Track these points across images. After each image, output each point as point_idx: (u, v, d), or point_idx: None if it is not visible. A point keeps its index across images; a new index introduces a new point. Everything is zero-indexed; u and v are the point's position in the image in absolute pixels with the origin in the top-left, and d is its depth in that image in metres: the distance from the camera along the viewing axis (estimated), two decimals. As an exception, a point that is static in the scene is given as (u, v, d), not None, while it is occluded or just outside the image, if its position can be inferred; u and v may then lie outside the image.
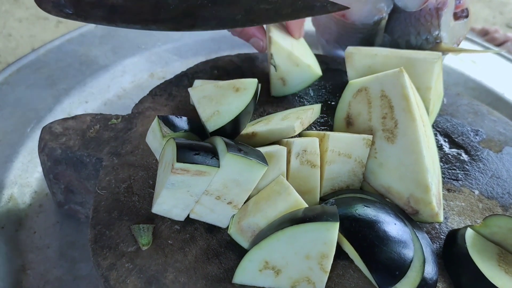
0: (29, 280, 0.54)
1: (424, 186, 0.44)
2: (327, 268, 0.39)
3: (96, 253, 0.42)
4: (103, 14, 0.51)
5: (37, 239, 0.58)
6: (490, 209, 0.50)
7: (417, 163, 0.44)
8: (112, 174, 0.49)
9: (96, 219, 0.45)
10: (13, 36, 1.08)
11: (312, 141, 0.45)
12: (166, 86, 0.61)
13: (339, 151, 0.46)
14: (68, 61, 0.83)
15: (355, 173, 0.48)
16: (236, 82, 0.50)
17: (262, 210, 0.41)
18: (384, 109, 0.48)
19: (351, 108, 0.51)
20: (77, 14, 0.51)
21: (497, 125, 0.61)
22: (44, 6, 0.50)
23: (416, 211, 0.45)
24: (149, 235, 0.43)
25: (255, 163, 0.40)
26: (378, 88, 0.49)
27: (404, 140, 0.46)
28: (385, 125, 0.47)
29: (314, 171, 0.46)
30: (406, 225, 0.42)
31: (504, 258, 0.42)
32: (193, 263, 0.42)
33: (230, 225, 0.43)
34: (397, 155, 0.46)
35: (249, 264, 0.39)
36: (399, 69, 0.47)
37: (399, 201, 0.46)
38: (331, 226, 0.38)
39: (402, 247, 0.39)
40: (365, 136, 0.47)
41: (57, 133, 0.54)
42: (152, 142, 0.47)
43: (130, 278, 0.40)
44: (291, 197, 0.42)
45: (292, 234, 0.38)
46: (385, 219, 0.41)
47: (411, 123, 0.45)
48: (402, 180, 0.46)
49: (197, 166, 0.40)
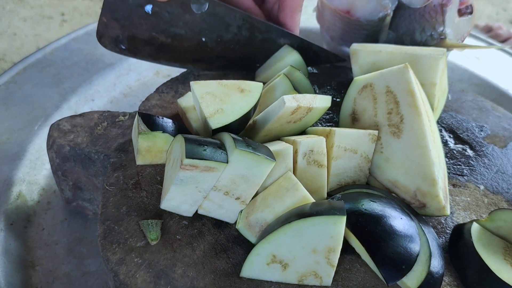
0: (38, 276, 0.54)
1: (431, 180, 0.44)
2: (334, 262, 0.39)
3: (106, 248, 0.43)
4: (151, 52, 0.59)
5: (45, 235, 0.58)
6: (496, 204, 0.51)
7: (423, 157, 0.45)
8: (120, 171, 0.49)
9: (105, 214, 0.45)
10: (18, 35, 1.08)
11: (319, 141, 0.45)
12: (172, 84, 0.62)
13: (345, 147, 0.47)
14: (74, 60, 0.83)
15: (361, 168, 0.48)
16: (241, 83, 0.50)
17: (270, 206, 0.42)
18: (389, 105, 0.48)
19: (356, 104, 0.52)
20: (129, 50, 0.58)
21: (502, 121, 0.62)
22: (103, 40, 0.56)
23: (423, 205, 0.45)
24: (158, 230, 0.43)
25: (263, 159, 0.41)
26: (383, 84, 0.49)
27: (410, 135, 0.46)
28: (391, 120, 0.48)
29: (321, 170, 0.46)
30: (412, 220, 0.43)
31: (509, 252, 0.43)
32: (201, 258, 0.42)
33: (238, 220, 0.44)
34: (403, 149, 0.46)
35: (256, 258, 0.40)
36: (404, 65, 0.48)
37: (405, 195, 0.47)
38: (337, 220, 0.38)
39: (408, 241, 0.40)
40: (370, 132, 0.47)
41: (65, 130, 0.54)
42: (133, 137, 0.49)
43: (140, 273, 0.41)
44: (299, 193, 0.42)
45: (299, 228, 0.38)
46: (391, 214, 0.41)
47: (417, 118, 0.46)
48: (408, 174, 0.46)
49: (206, 162, 0.40)
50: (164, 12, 0.55)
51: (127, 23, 0.55)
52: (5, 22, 1.12)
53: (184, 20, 0.56)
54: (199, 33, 0.58)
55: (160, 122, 0.49)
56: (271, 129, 0.49)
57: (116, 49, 0.57)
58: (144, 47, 0.58)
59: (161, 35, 0.57)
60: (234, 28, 0.58)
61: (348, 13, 0.66)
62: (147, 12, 0.55)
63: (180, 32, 0.57)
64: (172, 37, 0.57)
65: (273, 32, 0.60)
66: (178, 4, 0.55)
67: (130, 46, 0.57)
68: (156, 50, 0.58)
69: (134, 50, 0.58)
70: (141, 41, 0.57)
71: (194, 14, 0.56)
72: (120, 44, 0.57)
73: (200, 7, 0.55)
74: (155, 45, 0.58)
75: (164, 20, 0.56)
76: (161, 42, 0.58)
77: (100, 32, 0.56)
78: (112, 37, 0.56)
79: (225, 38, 0.59)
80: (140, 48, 0.58)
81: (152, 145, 0.48)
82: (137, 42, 0.57)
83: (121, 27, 0.56)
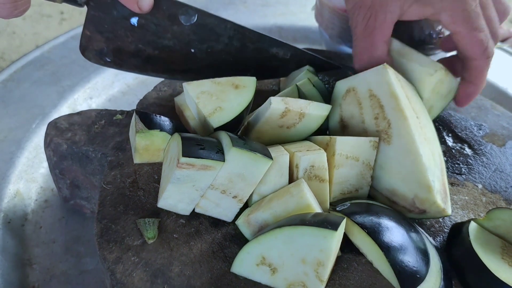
0: (35, 274, 0.54)
1: (426, 187, 0.43)
2: (323, 277, 0.38)
3: (102, 247, 0.42)
4: (138, 64, 0.56)
5: (43, 234, 0.58)
6: (494, 203, 0.50)
7: (416, 164, 0.44)
8: (118, 169, 0.49)
9: (102, 213, 0.45)
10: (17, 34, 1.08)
11: (319, 155, 0.44)
12: (170, 82, 0.62)
13: (346, 155, 0.45)
14: (72, 58, 0.83)
15: (363, 175, 0.47)
16: (234, 79, 0.50)
17: (272, 208, 0.42)
18: (375, 109, 0.47)
19: (342, 110, 0.50)
20: (114, 62, 0.56)
21: (501, 120, 0.62)
22: (87, 54, 0.55)
23: (423, 211, 0.44)
24: (155, 229, 0.43)
25: (260, 158, 0.41)
26: (366, 87, 0.47)
27: (399, 141, 0.45)
28: (379, 126, 0.46)
29: (322, 185, 0.45)
30: (420, 232, 0.43)
31: (507, 251, 0.43)
32: (198, 257, 0.42)
33: (240, 216, 0.44)
34: (395, 156, 0.45)
35: (247, 256, 0.40)
36: (383, 65, 0.46)
37: (404, 203, 0.45)
38: (328, 234, 0.37)
39: (421, 253, 0.40)
40: (371, 138, 0.46)
41: (63, 129, 0.54)
42: (131, 135, 0.49)
43: (136, 272, 0.41)
44: (303, 201, 0.41)
45: (290, 234, 0.38)
46: (403, 224, 0.42)
47: (403, 122, 0.44)
48: (405, 182, 0.45)
49: (203, 160, 0.40)
50: (150, 24, 0.53)
51: (111, 36, 0.53)
52: (4, 21, 1.12)
53: (172, 31, 0.54)
54: (188, 44, 0.55)
55: (157, 121, 0.48)
56: (261, 131, 0.48)
57: (100, 62, 0.55)
58: (130, 59, 0.56)
59: (148, 47, 0.55)
60: (225, 38, 0.56)
61: (347, 11, 0.66)
62: (132, 25, 0.53)
63: (168, 43, 0.55)
64: (159, 49, 0.55)
65: (265, 42, 0.58)
66: (165, 16, 0.53)
67: (115, 58, 0.55)
68: (143, 62, 0.56)
69: (119, 62, 0.56)
70: (127, 54, 0.55)
71: (182, 26, 0.54)
72: (105, 57, 0.55)
73: (188, 18, 0.53)
74: (141, 57, 0.56)
75: (151, 32, 0.54)
76: (148, 54, 0.55)
77: (83, 45, 0.54)
78: (96, 50, 0.54)
79: (216, 48, 0.57)
80: (126, 60, 0.56)
81: (149, 143, 0.48)
82: (123, 54, 0.55)
83: (105, 40, 0.54)
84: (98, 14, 0.52)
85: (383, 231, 0.40)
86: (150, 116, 0.48)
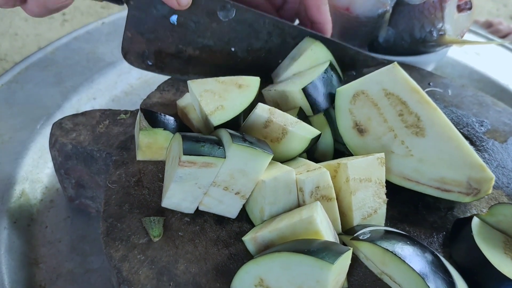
0: (42, 274, 0.55)
1: (478, 165, 0.45)
2: None
3: (109, 245, 0.43)
4: (179, 66, 0.57)
5: (49, 233, 0.59)
6: (496, 199, 0.51)
7: (460, 148, 0.45)
8: (122, 168, 0.50)
9: (107, 212, 0.46)
10: (19, 35, 1.08)
11: (322, 175, 0.42)
12: (173, 82, 0.62)
13: (360, 178, 0.44)
14: (76, 59, 0.84)
15: (378, 194, 0.46)
16: (238, 78, 0.50)
17: (280, 230, 0.40)
18: (396, 107, 0.47)
19: (355, 115, 0.49)
20: (156, 65, 0.56)
21: (502, 116, 0.62)
22: (129, 57, 0.55)
23: (479, 190, 0.45)
24: (160, 227, 0.44)
25: (260, 152, 0.41)
26: (378, 87, 0.47)
27: (435, 130, 0.45)
28: (406, 121, 0.47)
29: (331, 204, 0.43)
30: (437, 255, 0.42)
31: (510, 245, 0.43)
32: (204, 254, 0.42)
33: (247, 233, 0.43)
34: (434, 146, 0.46)
35: (245, 275, 0.39)
36: (393, 64, 0.47)
37: (457, 187, 0.46)
38: (324, 266, 0.35)
39: (448, 276, 0.39)
40: (378, 156, 0.45)
41: (68, 129, 0.55)
42: (136, 133, 0.49)
43: (142, 269, 0.41)
44: (312, 226, 0.39)
45: (287, 260, 0.36)
46: (423, 248, 0.40)
47: (434, 112, 0.45)
48: (452, 168, 0.45)
49: (204, 157, 0.40)
50: (190, 22, 0.53)
51: (152, 37, 0.53)
52: (6, 22, 1.12)
53: (211, 29, 0.54)
54: (228, 42, 0.55)
55: (162, 119, 0.49)
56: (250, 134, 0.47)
57: (142, 65, 0.56)
58: (171, 61, 0.56)
59: (189, 47, 0.55)
60: (264, 35, 0.55)
61: (348, 10, 0.66)
62: (172, 23, 0.53)
63: (208, 43, 0.55)
64: (200, 48, 0.55)
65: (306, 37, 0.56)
66: (204, 12, 0.53)
67: (157, 61, 0.55)
68: (184, 63, 0.56)
69: (161, 65, 0.56)
70: (168, 55, 0.55)
71: (221, 23, 0.54)
72: (147, 60, 0.55)
73: (227, 14, 0.53)
74: (182, 59, 0.56)
75: (191, 31, 0.54)
76: (189, 54, 0.55)
77: (125, 48, 0.54)
78: (138, 52, 0.54)
79: (255, 46, 0.56)
80: (167, 62, 0.56)
81: (152, 141, 0.48)
82: (164, 56, 0.55)
83: (146, 41, 0.54)
84: (138, 14, 0.52)
85: (416, 258, 0.38)
86: (155, 114, 0.49)
